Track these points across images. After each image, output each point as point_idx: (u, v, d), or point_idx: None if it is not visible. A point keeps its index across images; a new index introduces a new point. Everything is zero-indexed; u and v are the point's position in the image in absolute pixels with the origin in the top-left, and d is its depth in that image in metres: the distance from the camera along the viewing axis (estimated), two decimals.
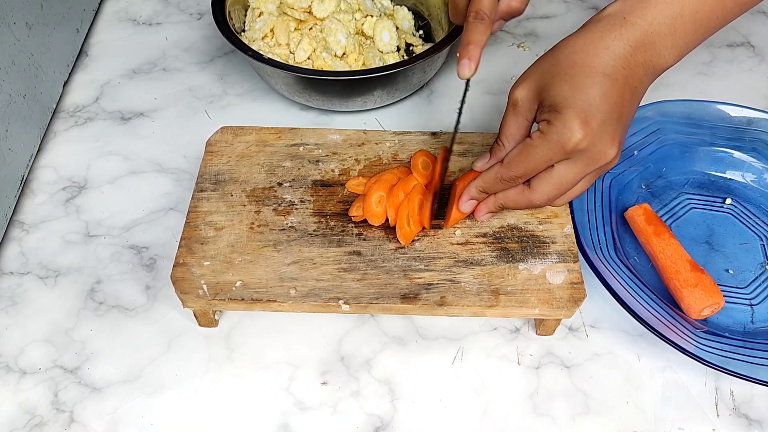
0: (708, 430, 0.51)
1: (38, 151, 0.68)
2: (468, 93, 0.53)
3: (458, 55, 0.52)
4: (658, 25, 0.47)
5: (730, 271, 0.58)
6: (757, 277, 0.58)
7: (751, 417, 0.52)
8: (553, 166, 0.48)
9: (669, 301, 0.55)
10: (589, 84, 0.45)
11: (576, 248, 0.53)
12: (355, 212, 0.55)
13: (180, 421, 0.51)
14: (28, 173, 0.65)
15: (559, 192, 0.49)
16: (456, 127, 0.54)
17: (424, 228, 0.54)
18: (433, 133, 0.61)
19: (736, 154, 0.64)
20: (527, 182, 0.50)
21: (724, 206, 0.63)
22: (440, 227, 0.55)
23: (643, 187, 0.64)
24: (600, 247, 0.56)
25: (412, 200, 0.54)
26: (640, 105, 0.62)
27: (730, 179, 0.64)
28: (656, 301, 0.53)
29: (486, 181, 0.51)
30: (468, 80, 0.52)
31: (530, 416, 0.52)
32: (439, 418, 0.52)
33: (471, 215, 0.54)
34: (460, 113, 0.54)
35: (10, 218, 0.62)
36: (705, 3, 0.47)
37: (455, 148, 0.60)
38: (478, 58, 0.51)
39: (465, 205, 0.53)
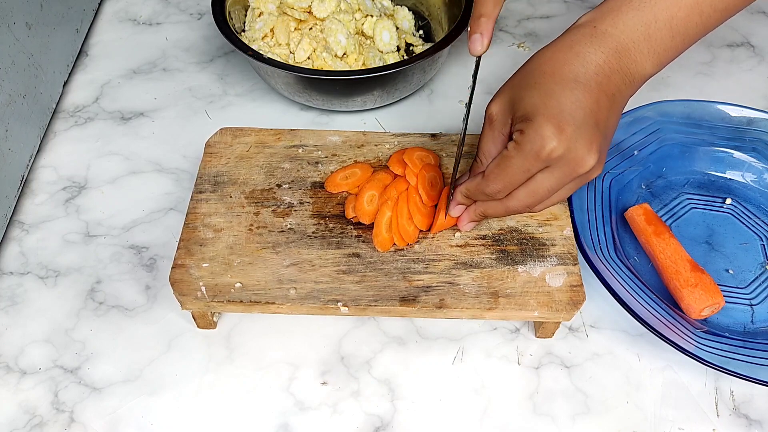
0: (708, 430, 0.51)
1: (38, 151, 0.68)
2: (475, 90, 0.51)
3: (468, 29, 0.49)
4: (630, 33, 0.46)
5: (730, 271, 0.58)
6: (757, 277, 0.58)
7: (751, 417, 0.52)
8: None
9: (669, 301, 0.55)
10: (558, 90, 0.45)
11: (576, 251, 0.53)
12: (351, 213, 0.55)
13: (180, 421, 0.51)
14: (28, 173, 0.65)
15: (535, 200, 0.48)
16: (468, 107, 0.51)
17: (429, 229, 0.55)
18: (433, 135, 0.61)
19: (736, 154, 0.64)
20: None
21: (724, 206, 0.63)
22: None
23: (643, 187, 0.63)
24: (600, 247, 0.56)
25: (396, 208, 0.54)
26: (639, 105, 0.63)
27: (730, 179, 0.64)
28: (656, 301, 0.53)
29: (469, 189, 0.50)
30: (479, 57, 0.50)
31: (530, 416, 0.52)
32: (439, 418, 0.52)
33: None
34: (472, 91, 0.51)
35: (10, 218, 0.62)
36: (680, 9, 0.47)
37: (454, 150, 0.60)
38: (491, 33, 0.48)
39: (454, 210, 0.52)
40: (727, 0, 0.48)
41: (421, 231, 0.54)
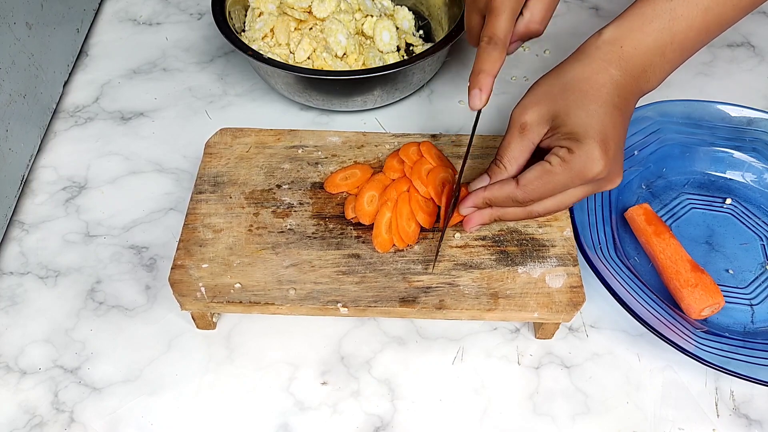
0: (708, 430, 0.51)
1: (38, 151, 0.68)
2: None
3: (469, 83, 0.50)
4: (651, 54, 0.48)
5: (730, 271, 0.58)
6: (757, 277, 0.58)
7: (751, 417, 0.52)
8: None
9: (669, 301, 0.55)
10: (603, 113, 0.46)
11: (575, 252, 0.53)
12: (350, 213, 0.55)
13: (180, 421, 0.51)
14: (28, 173, 0.65)
15: (559, 208, 0.50)
16: (465, 158, 0.53)
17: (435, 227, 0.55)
18: (433, 136, 0.61)
19: (736, 154, 0.64)
20: None
21: (724, 206, 0.63)
22: (438, 229, 0.55)
23: (643, 187, 0.63)
24: (600, 247, 0.56)
25: (396, 209, 0.54)
26: (639, 105, 0.63)
27: (730, 179, 0.64)
28: (656, 301, 0.53)
29: (496, 196, 0.50)
30: (479, 111, 0.51)
31: (530, 416, 0.52)
32: (439, 418, 0.52)
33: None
34: (470, 144, 0.53)
35: (10, 218, 0.62)
36: (691, 29, 0.48)
37: (454, 150, 0.60)
38: (491, 88, 0.49)
39: (466, 210, 0.52)
40: (730, 14, 0.49)
41: (421, 231, 0.54)
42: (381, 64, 0.70)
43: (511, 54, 0.54)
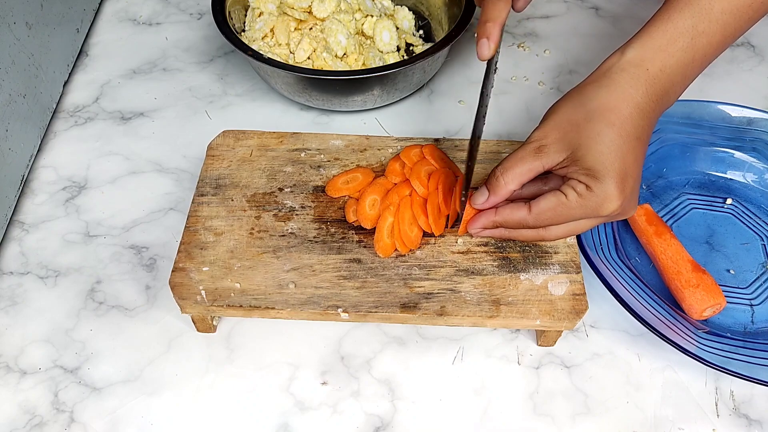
0: (708, 430, 0.51)
1: (38, 151, 0.68)
2: (475, 90, 0.51)
3: (476, 35, 0.48)
4: (674, 75, 0.47)
5: (731, 272, 0.58)
6: (758, 277, 0.58)
7: (751, 417, 0.52)
8: None
9: (670, 301, 0.55)
10: (626, 150, 0.46)
11: (579, 259, 0.53)
12: (351, 216, 0.55)
13: (180, 421, 0.51)
14: (28, 173, 0.65)
15: (570, 235, 0.50)
16: (473, 160, 0.51)
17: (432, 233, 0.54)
18: (436, 140, 0.61)
19: (737, 154, 0.64)
20: None
21: (725, 206, 0.63)
22: (442, 235, 0.54)
23: (644, 187, 0.63)
24: (601, 248, 0.56)
25: (398, 213, 0.54)
26: None
27: (731, 179, 0.64)
28: (657, 302, 0.53)
29: (507, 220, 0.50)
30: (489, 62, 0.49)
31: (530, 416, 0.52)
32: (439, 418, 0.52)
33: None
34: (481, 100, 0.50)
35: (10, 218, 0.62)
36: (711, 45, 0.48)
37: (457, 154, 0.60)
38: (498, 37, 0.48)
39: (475, 230, 0.52)
40: (743, 27, 0.49)
41: (424, 236, 0.54)
42: (381, 64, 0.70)
43: (522, 11, 0.53)
